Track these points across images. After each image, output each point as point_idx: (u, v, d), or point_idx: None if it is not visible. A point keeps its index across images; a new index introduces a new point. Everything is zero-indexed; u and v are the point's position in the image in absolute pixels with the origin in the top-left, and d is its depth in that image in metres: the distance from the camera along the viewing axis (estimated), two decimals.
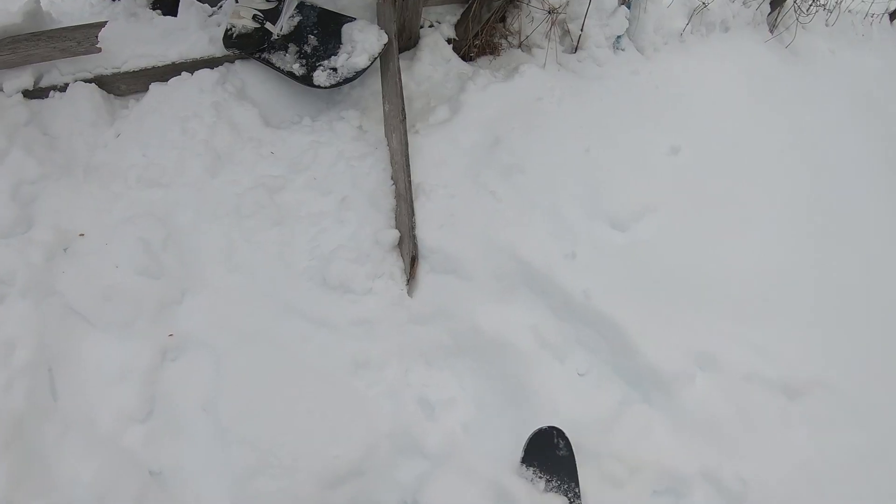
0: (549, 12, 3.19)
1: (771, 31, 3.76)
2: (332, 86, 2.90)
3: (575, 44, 3.27)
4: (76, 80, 2.86)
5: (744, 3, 3.66)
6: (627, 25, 3.28)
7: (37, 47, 2.74)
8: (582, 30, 3.22)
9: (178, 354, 2.36)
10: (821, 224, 2.86)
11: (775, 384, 2.37)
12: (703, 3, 3.42)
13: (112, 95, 2.95)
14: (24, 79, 2.81)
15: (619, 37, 3.30)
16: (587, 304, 2.43)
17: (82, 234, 2.55)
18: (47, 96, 2.85)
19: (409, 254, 2.55)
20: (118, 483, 2.06)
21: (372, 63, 2.90)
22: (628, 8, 3.27)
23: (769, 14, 3.80)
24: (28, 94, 2.82)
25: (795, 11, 3.75)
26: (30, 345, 2.22)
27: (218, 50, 2.98)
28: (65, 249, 2.51)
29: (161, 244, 2.52)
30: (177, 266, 2.51)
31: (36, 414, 2.13)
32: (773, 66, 3.51)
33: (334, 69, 2.90)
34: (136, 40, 2.97)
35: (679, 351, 2.37)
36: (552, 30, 3.22)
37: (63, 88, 2.85)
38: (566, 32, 3.28)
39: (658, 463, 2.17)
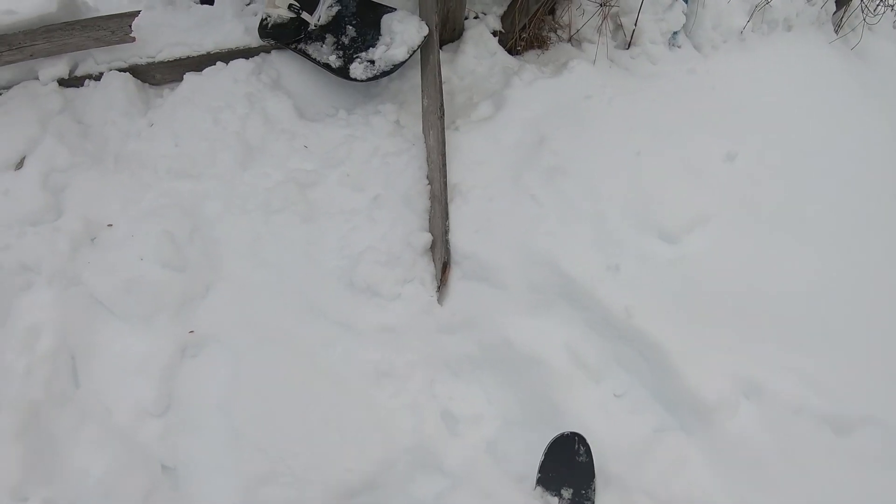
0: (602, 5, 3.11)
1: (836, 32, 3.64)
2: (369, 79, 2.87)
3: (628, 39, 3.20)
4: (111, 69, 2.91)
5: (808, 1, 3.53)
6: (684, 21, 3.20)
7: (71, 36, 2.80)
8: (636, 24, 3.15)
9: (197, 351, 2.38)
10: (885, 246, 2.70)
11: (824, 418, 2.25)
12: (766, 0, 3.32)
13: (146, 84, 2.99)
14: (60, 67, 2.88)
15: (675, 33, 3.22)
16: (628, 322, 2.34)
17: (110, 225, 2.59)
18: (82, 85, 2.91)
19: (441, 259, 2.51)
20: (129, 477, 2.09)
21: (411, 56, 2.87)
22: (686, 2, 3.19)
23: (834, 13, 3.69)
24: (63, 83, 2.89)
25: (862, 11, 3.61)
26: (53, 333, 2.29)
27: (254, 40, 2.99)
28: (92, 239, 2.56)
29: (187, 237, 2.54)
30: (202, 260, 2.52)
31: (54, 402, 2.20)
32: (838, 68, 3.37)
33: (372, 61, 2.88)
34: (172, 29, 3.01)
35: (724, 377, 2.26)
36: (604, 24, 3.14)
37: (98, 77, 2.91)
38: (619, 27, 3.21)
39: (691, 499, 2.07)
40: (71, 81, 2.89)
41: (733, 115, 2.98)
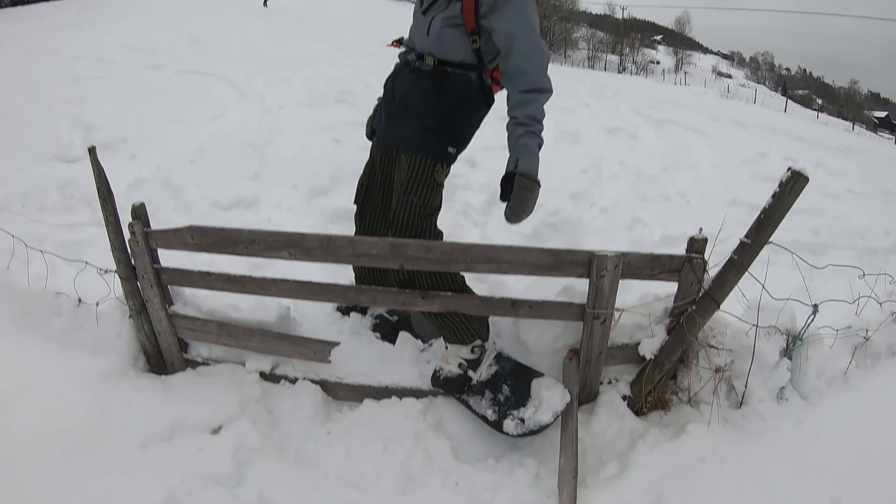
0: (716, 371, 3.84)
1: None
2: (519, 435, 3.71)
3: (739, 399, 3.77)
4: (305, 378, 3.89)
5: None
6: (789, 376, 3.72)
7: (280, 345, 3.85)
8: (746, 386, 3.73)
9: None
10: None
11: None
12: (865, 338, 3.92)
13: (330, 398, 3.94)
14: (264, 363, 3.90)
15: (782, 388, 3.73)
16: None
17: None
18: (278, 383, 3.88)
19: None
20: None
21: (555, 420, 3.72)
22: (790, 359, 3.73)
23: None
24: (263, 376, 3.88)
25: None
26: None
27: (425, 384, 3.95)
28: None
29: None
30: None
31: None
32: None
33: (522, 420, 3.74)
34: (358, 358, 4.04)
35: None
36: (718, 387, 3.82)
37: (293, 381, 3.88)
38: (731, 388, 3.80)
39: None
40: (270, 377, 3.87)
41: (838, 460, 3.41)
